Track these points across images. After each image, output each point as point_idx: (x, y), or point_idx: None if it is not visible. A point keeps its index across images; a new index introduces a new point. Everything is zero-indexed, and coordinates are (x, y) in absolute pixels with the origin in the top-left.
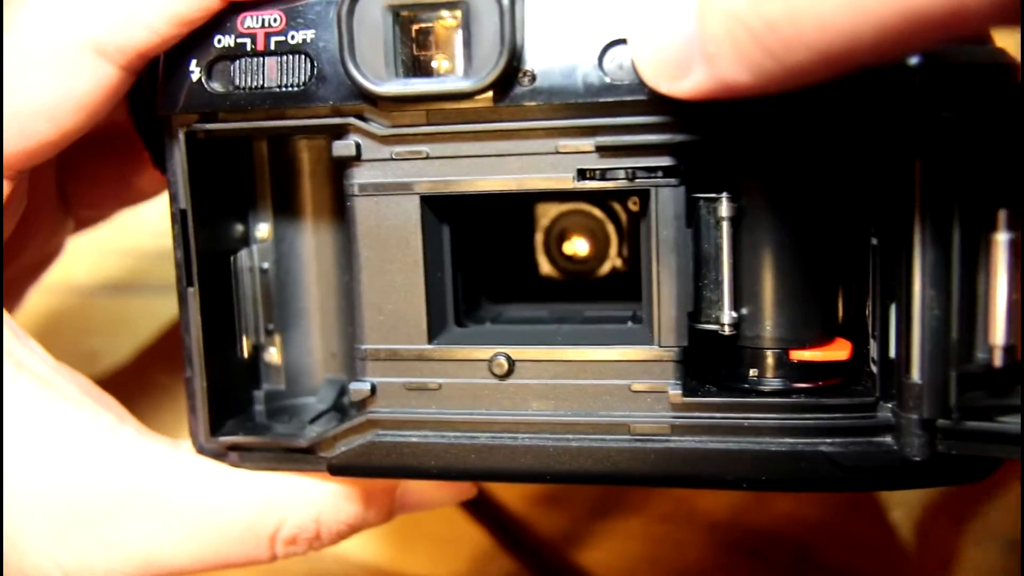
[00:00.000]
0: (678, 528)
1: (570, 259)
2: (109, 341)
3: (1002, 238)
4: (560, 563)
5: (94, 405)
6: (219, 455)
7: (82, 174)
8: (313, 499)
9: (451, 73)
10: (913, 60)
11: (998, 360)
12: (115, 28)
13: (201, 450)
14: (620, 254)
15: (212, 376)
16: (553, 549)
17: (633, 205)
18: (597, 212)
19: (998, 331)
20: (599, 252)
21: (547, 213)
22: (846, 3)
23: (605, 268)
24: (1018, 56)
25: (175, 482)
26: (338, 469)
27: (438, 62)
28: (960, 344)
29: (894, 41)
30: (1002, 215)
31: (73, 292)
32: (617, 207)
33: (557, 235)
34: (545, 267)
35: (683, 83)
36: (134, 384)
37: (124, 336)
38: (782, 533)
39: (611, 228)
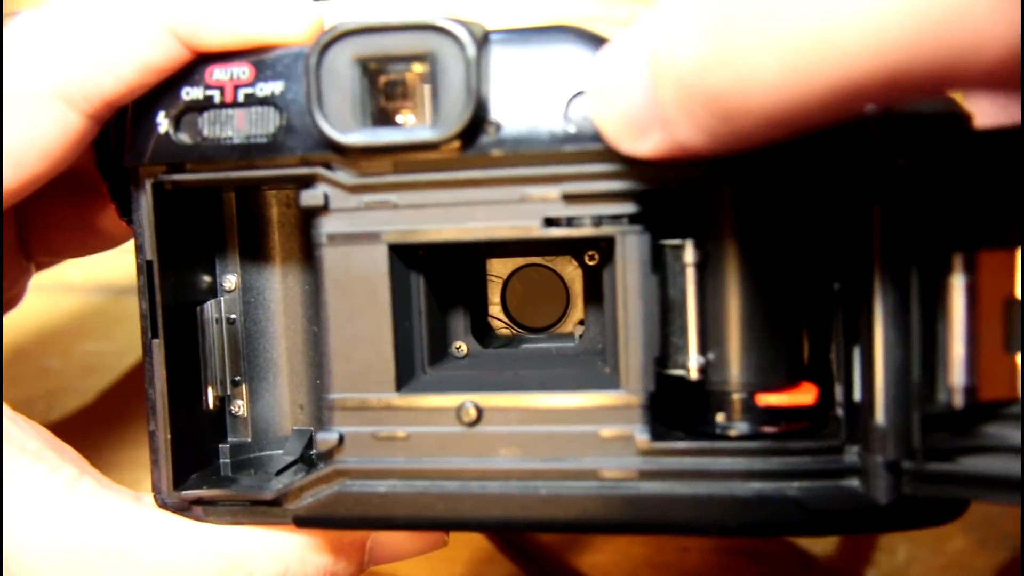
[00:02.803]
0: None
1: (524, 327)
2: (104, 343)
3: (958, 281)
4: (560, 567)
5: (54, 458)
6: (182, 509)
7: (45, 221)
8: (281, 553)
9: (418, 124)
10: (870, 109)
11: (958, 401)
12: (82, 75)
13: (163, 504)
14: (576, 317)
15: (176, 429)
16: (553, 552)
17: (590, 260)
18: (555, 271)
19: (956, 372)
20: (556, 313)
21: (503, 272)
22: (789, 72)
23: (564, 328)
24: (966, 105)
25: (137, 538)
26: (304, 521)
27: (405, 113)
28: (922, 386)
29: (838, 106)
30: (957, 258)
31: (67, 292)
32: (574, 263)
33: (514, 298)
34: (503, 330)
35: (642, 144)
36: (128, 388)
37: (119, 338)
38: (785, 536)
39: (570, 287)
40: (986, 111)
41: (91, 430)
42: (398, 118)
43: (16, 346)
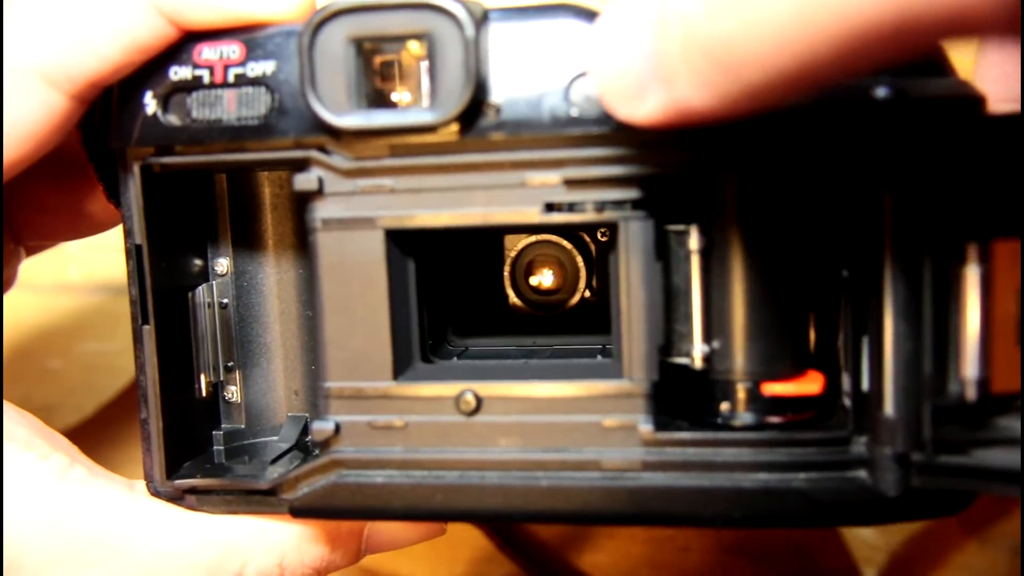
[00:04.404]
0: (681, 531)
1: (538, 291)
2: (105, 343)
3: (972, 272)
4: (561, 566)
5: (44, 446)
6: (175, 498)
7: (32, 204)
8: (276, 542)
9: (415, 105)
10: (881, 93)
11: (971, 393)
12: (64, 55)
13: (156, 493)
14: (589, 286)
15: (168, 417)
16: (554, 552)
17: (602, 236)
18: (566, 243)
19: (970, 365)
20: (568, 284)
21: (515, 244)
22: (798, 20)
23: (574, 300)
24: (980, 88)
25: (129, 526)
26: (301, 511)
27: (401, 94)
28: (933, 377)
29: (847, 56)
30: (972, 249)
31: (67, 292)
32: (586, 237)
33: (525, 267)
34: (513, 299)
35: (641, 107)
36: (129, 387)
37: (120, 337)
38: (786, 536)
39: (580, 259)
40: (996, 65)
41: (93, 429)
42: (394, 99)
43: (17, 346)
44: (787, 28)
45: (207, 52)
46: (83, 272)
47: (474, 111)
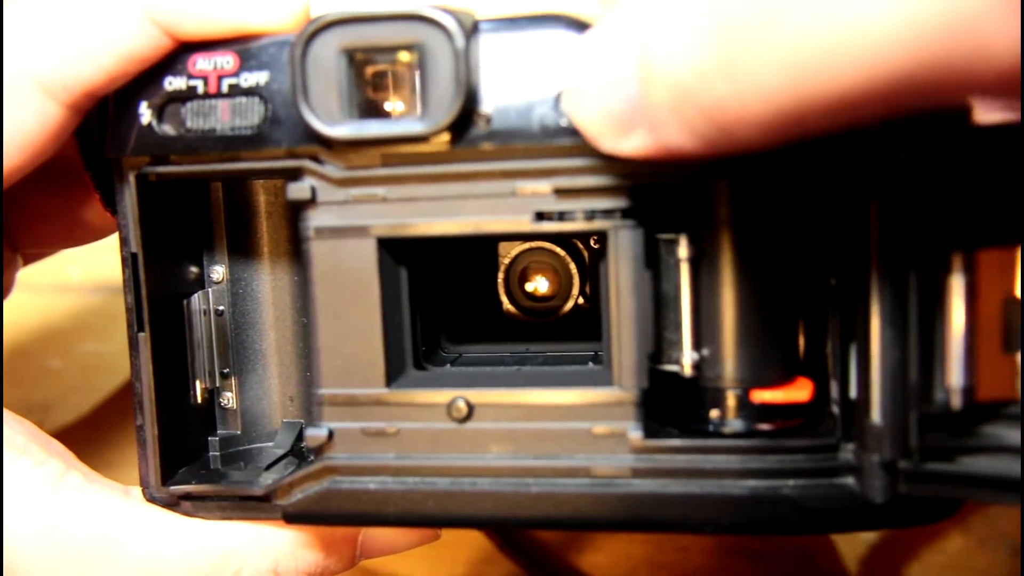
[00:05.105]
0: None
1: (532, 298)
2: (104, 343)
3: (956, 282)
4: (561, 566)
5: (40, 452)
6: (171, 504)
7: (29, 212)
8: (271, 547)
9: (406, 115)
10: None
11: (956, 402)
12: (61, 65)
13: (152, 499)
14: (583, 292)
15: (164, 423)
16: (553, 552)
17: (595, 243)
18: (559, 250)
19: (954, 373)
20: (561, 290)
21: (509, 251)
22: (791, 83)
23: (568, 306)
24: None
25: (125, 532)
26: (294, 517)
27: (393, 104)
28: (919, 385)
29: (839, 116)
30: (957, 258)
31: (67, 292)
32: (579, 244)
33: (519, 273)
34: (507, 305)
35: (626, 143)
36: (129, 387)
37: (119, 338)
38: (785, 537)
39: (573, 266)
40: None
41: (92, 430)
42: (386, 109)
43: (16, 346)
44: (779, 94)
45: (201, 62)
46: (83, 272)
47: (465, 121)
